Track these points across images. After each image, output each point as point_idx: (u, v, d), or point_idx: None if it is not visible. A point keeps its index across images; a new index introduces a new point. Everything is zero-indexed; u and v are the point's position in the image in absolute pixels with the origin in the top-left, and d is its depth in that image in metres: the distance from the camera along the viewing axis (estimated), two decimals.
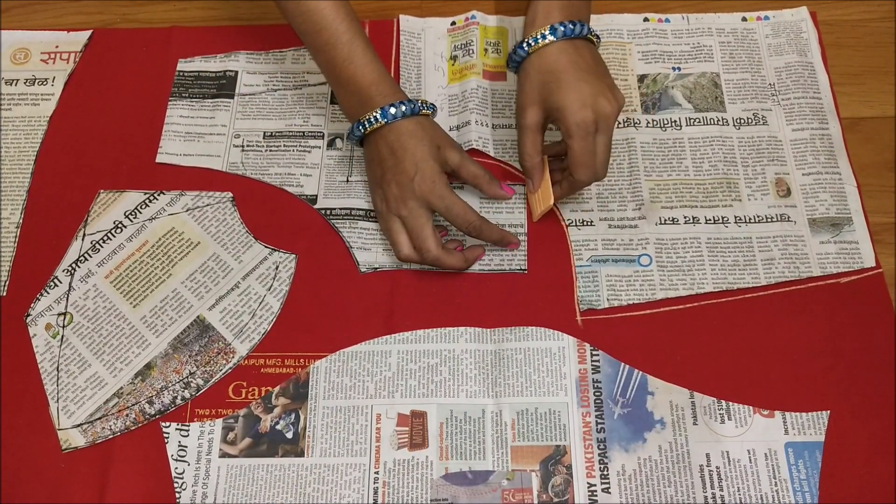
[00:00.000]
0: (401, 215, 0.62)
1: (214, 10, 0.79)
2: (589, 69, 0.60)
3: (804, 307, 0.63)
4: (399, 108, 0.61)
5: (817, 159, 0.69)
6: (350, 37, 0.62)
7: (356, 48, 0.62)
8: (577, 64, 0.60)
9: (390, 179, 0.62)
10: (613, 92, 0.60)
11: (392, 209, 0.63)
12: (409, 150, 0.61)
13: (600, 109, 0.59)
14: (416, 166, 0.61)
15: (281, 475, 0.58)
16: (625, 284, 0.64)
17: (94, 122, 0.73)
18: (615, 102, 0.60)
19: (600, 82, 0.60)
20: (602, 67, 0.62)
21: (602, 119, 0.59)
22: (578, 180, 0.62)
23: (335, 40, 0.62)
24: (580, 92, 0.59)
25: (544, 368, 0.61)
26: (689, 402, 0.60)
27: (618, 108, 0.60)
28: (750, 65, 0.74)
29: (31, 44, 0.77)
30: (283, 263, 0.66)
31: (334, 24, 0.62)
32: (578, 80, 0.60)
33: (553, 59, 0.61)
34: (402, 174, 0.61)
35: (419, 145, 0.62)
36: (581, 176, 0.61)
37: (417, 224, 0.61)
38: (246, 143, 0.72)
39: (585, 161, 0.60)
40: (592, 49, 0.63)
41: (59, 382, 0.62)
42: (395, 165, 0.62)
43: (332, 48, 0.62)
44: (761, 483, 0.57)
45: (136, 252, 0.67)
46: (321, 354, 0.62)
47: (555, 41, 0.61)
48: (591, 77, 0.60)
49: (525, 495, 0.57)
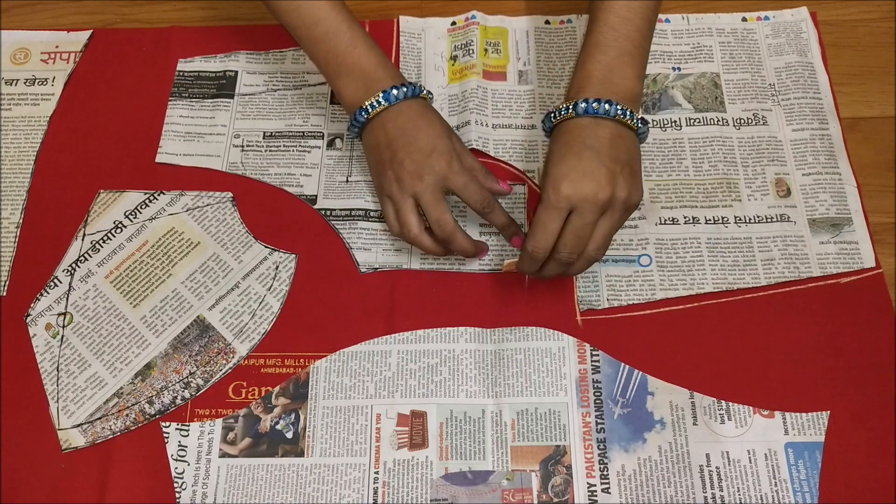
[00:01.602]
0: (415, 192, 0.60)
1: (214, 10, 0.79)
2: (598, 148, 0.57)
3: (804, 307, 0.63)
4: (401, 89, 0.61)
5: (817, 159, 0.69)
6: (349, 25, 0.62)
7: (357, 35, 0.62)
8: (586, 140, 0.57)
9: (403, 158, 0.61)
10: (615, 180, 0.56)
11: (406, 188, 0.61)
12: (422, 129, 0.61)
13: (583, 190, 0.55)
14: (432, 143, 0.61)
15: (281, 475, 0.58)
16: (625, 284, 0.64)
17: (94, 122, 0.73)
18: (608, 188, 0.55)
19: (601, 164, 0.56)
20: (620, 152, 0.57)
21: (581, 201, 0.55)
22: (525, 248, 0.57)
23: (336, 28, 0.62)
24: (570, 165, 0.56)
25: (544, 368, 0.61)
26: (689, 402, 0.60)
27: (608, 195, 0.55)
28: (750, 65, 0.74)
29: (31, 44, 0.77)
30: (283, 263, 0.66)
31: (331, 14, 0.62)
32: (577, 155, 0.56)
33: (567, 131, 0.59)
34: (416, 151, 0.61)
35: (432, 125, 0.62)
36: (528, 244, 0.57)
37: (434, 199, 0.60)
38: (246, 143, 0.72)
39: (536, 232, 0.56)
40: (618, 131, 0.58)
41: (59, 382, 0.62)
42: (409, 144, 0.61)
43: (334, 37, 0.62)
44: (761, 483, 0.57)
45: (136, 252, 0.67)
46: (321, 354, 0.62)
47: (575, 116, 0.59)
48: (595, 156, 0.56)
49: (525, 495, 0.57)
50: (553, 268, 0.59)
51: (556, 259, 0.58)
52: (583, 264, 0.59)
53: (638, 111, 0.61)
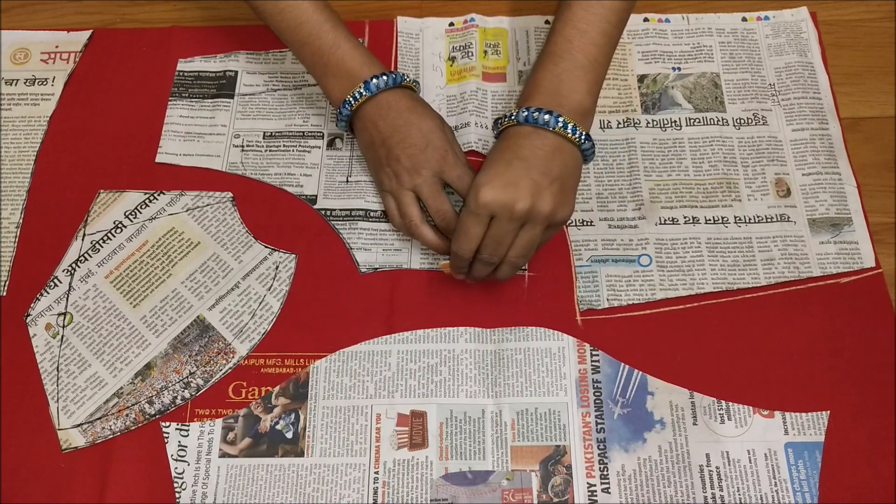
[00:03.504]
0: (415, 185, 0.62)
1: (214, 10, 0.79)
2: (529, 160, 0.56)
3: (804, 307, 0.63)
4: (381, 78, 0.61)
5: (817, 159, 0.69)
6: (332, 25, 0.63)
7: (340, 35, 0.63)
8: (520, 149, 0.57)
9: (399, 154, 0.62)
10: (540, 193, 0.55)
11: (405, 182, 0.62)
12: (414, 124, 0.62)
13: (502, 198, 0.55)
14: (426, 137, 0.62)
15: (281, 475, 0.58)
16: (625, 284, 0.64)
17: (94, 122, 0.73)
18: (527, 200, 0.54)
19: (527, 175, 0.55)
20: (554, 166, 0.56)
21: (500, 209, 0.55)
22: (451, 249, 0.59)
23: (318, 30, 0.62)
24: (496, 172, 0.56)
25: (544, 368, 0.61)
26: (688, 402, 0.60)
27: (527, 207, 0.55)
28: (750, 65, 0.74)
29: (31, 44, 0.77)
30: (283, 263, 0.66)
31: (314, 16, 0.62)
32: (506, 163, 0.56)
33: (507, 138, 0.59)
34: (412, 147, 0.61)
35: (423, 119, 0.62)
36: (452, 245, 0.58)
37: (433, 191, 0.62)
38: (246, 143, 0.72)
39: (458, 235, 0.57)
40: (558, 145, 0.57)
41: (59, 382, 0.62)
42: (403, 140, 0.62)
43: (317, 38, 0.62)
44: (761, 483, 0.57)
45: (136, 252, 0.67)
46: (321, 354, 0.62)
47: (516, 124, 0.59)
48: (524, 166, 0.56)
49: (525, 495, 0.57)
50: (479, 269, 0.60)
51: (479, 260, 0.59)
52: (507, 269, 0.59)
53: (587, 126, 0.60)
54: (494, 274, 0.60)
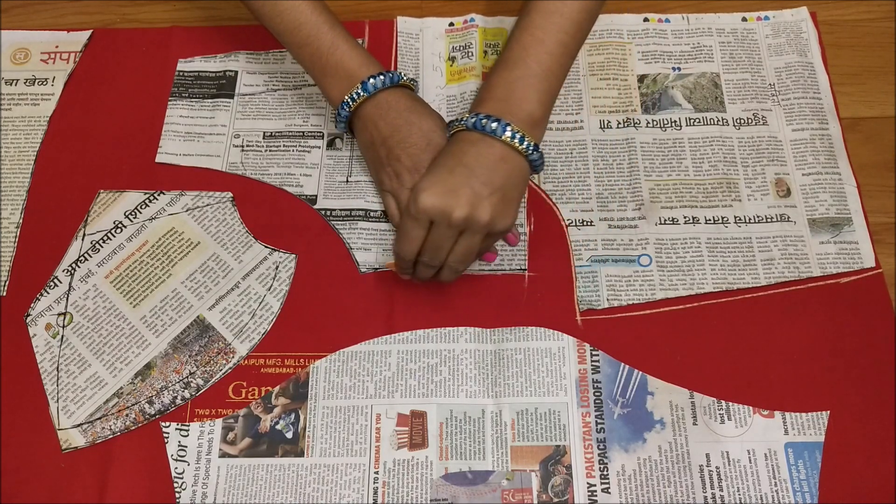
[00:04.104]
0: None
1: (214, 10, 0.79)
2: (472, 167, 0.56)
3: (804, 307, 0.63)
4: (378, 78, 0.62)
5: (817, 159, 0.69)
6: (330, 27, 0.63)
7: (338, 36, 0.63)
8: (464, 156, 0.56)
9: (399, 154, 0.62)
10: (479, 202, 0.55)
11: (405, 182, 0.63)
12: (414, 124, 0.62)
13: (440, 205, 0.54)
14: (426, 137, 0.62)
15: (281, 475, 0.58)
16: (625, 284, 0.64)
17: (94, 122, 0.73)
18: (465, 209, 0.54)
19: (468, 184, 0.55)
20: (497, 176, 0.56)
21: (437, 215, 0.55)
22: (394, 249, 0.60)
23: (317, 31, 0.62)
24: (437, 178, 0.56)
25: (544, 368, 0.61)
26: (688, 402, 0.60)
27: (464, 216, 0.54)
28: (750, 65, 0.74)
29: (31, 44, 0.77)
30: (283, 263, 0.66)
31: (312, 17, 0.63)
32: (448, 170, 0.56)
33: (455, 142, 0.59)
34: (412, 146, 0.62)
35: (423, 118, 0.62)
36: (394, 246, 0.59)
37: None
38: (246, 143, 0.72)
39: (399, 237, 0.58)
40: (505, 154, 0.57)
41: (59, 382, 0.62)
42: (403, 140, 0.62)
43: (316, 39, 0.62)
44: (761, 483, 0.57)
45: (136, 252, 0.67)
46: (321, 354, 0.62)
47: (465, 129, 0.58)
48: (467, 174, 0.55)
49: (525, 495, 0.57)
50: (422, 271, 0.60)
51: (421, 263, 0.59)
52: (448, 273, 0.60)
53: (537, 137, 0.59)
54: (437, 277, 0.61)
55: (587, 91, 0.73)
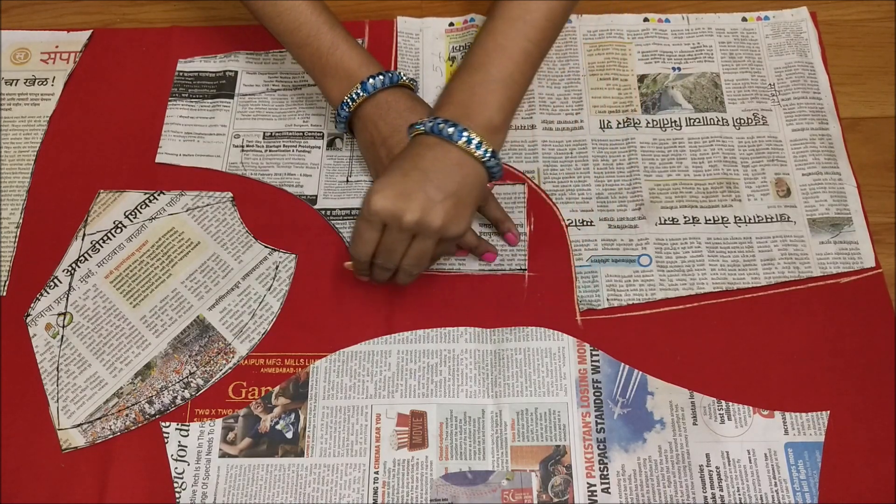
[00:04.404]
0: None
1: (214, 10, 0.79)
2: (427, 172, 0.55)
3: (804, 307, 0.63)
4: (377, 78, 0.62)
5: (817, 159, 0.69)
6: (330, 27, 0.63)
7: (338, 36, 0.63)
8: (421, 160, 0.56)
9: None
10: (431, 208, 0.54)
11: None
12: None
13: (391, 208, 0.54)
14: None
15: (281, 475, 0.58)
16: (625, 284, 0.64)
17: (94, 122, 0.73)
18: (416, 213, 0.54)
19: (422, 188, 0.54)
20: (452, 181, 0.55)
21: (389, 218, 0.55)
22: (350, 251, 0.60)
23: (317, 31, 0.62)
24: (390, 182, 0.55)
25: (544, 368, 0.61)
26: (688, 402, 0.60)
27: (415, 220, 0.54)
28: (750, 65, 0.74)
29: (31, 44, 0.77)
30: (283, 263, 0.66)
31: (312, 17, 0.63)
32: (403, 173, 0.56)
33: (414, 145, 0.58)
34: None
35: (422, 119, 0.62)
36: (350, 248, 0.59)
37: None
38: (246, 143, 0.72)
39: (353, 239, 0.58)
40: (461, 160, 0.56)
41: (59, 382, 0.62)
42: (403, 140, 0.62)
43: (316, 39, 0.63)
44: (761, 483, 0.57)
45: (136, 252, 0.67)
46: (321, 354, 0.62)
47: (423, 133, 0.57)
48: (421, 179, 0.55)
49: (525, 495, 0.57)
50: (378, 273, 0.60)
51: (376, 265, 0.59)
52: (402, 276, 0.60)
53: (496, 143, 0.58)
54: (393, 279, 0.61)
55: (587, 91, 0.73)
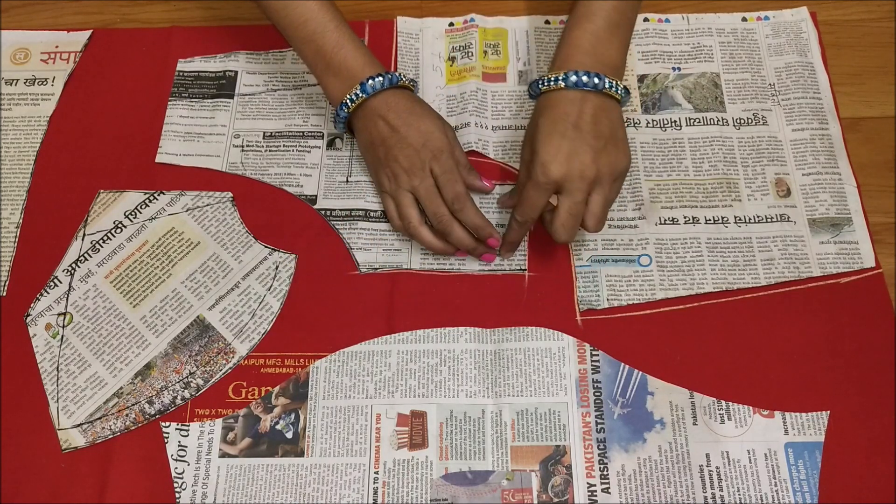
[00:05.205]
0: (412, 186, 0.63)
1: (214, 10, 0.79)
2: (581, 126, 0.58)
3: (804, 307, 0.63)
4: (377, 79, 0.62)
5: (817, 159, 0.69)
6: (336, 25, 0.63)
7: (344, 35, 0.63)
8: (570, 117, 0.59)
9: (398, 154, 0.62)
10: (599, 157, 0.58)
11: (402, 183, 0.63)
12: (413, 125, 0.62)
13: (569, 171, 0.57)
14: (424, 138, 0.62)
15: (281, 475, 0.58)
16: (625, 284, 0.64)
17: (94, 122, 0.73)
18: (592, 167, 0.57)
19: (586, 143, 0.58)
20: (604, 128, 0.59)
21: (568, 181, 0.58)
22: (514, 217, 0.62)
23: (322, 29, 0.63)
24: (556, 146, 0.58)
25: (544, 368, 0.61)
26: (688, 402, 0.60)
27: (594, 174, 0.58)
28: (750, 65, 0.74)
29: (31, 44, 0.77)
30: (283, 263, 0.66)
31: (319, 14, 0.63)
32: (561, 135, 0.58)
33: (554, 104, 0.60)
34: (409, 147, 0.62)
35: (422, 119, 0.63)
36: (517, 214, 0.61)
37: (430, 192, 0.62)
38: (246, 143, 0.72)
39: (525, 206, 0.60)
40: (602, 104, 0.60)
41: (59, 382, 0.62)
42: (402, 140, 0.62)
43: (321, 36, 0.63)
44: (761, 483, 0.57)
45: (136, 252, 0.67)
46: (321, 354, 0.62)
47: (564, 88, 0.60)
48: (579, 135, 0.58)
49: (525, 495, 0.57)
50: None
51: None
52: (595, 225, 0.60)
53: (621, 80, 0.62)
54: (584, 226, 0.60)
55: None
